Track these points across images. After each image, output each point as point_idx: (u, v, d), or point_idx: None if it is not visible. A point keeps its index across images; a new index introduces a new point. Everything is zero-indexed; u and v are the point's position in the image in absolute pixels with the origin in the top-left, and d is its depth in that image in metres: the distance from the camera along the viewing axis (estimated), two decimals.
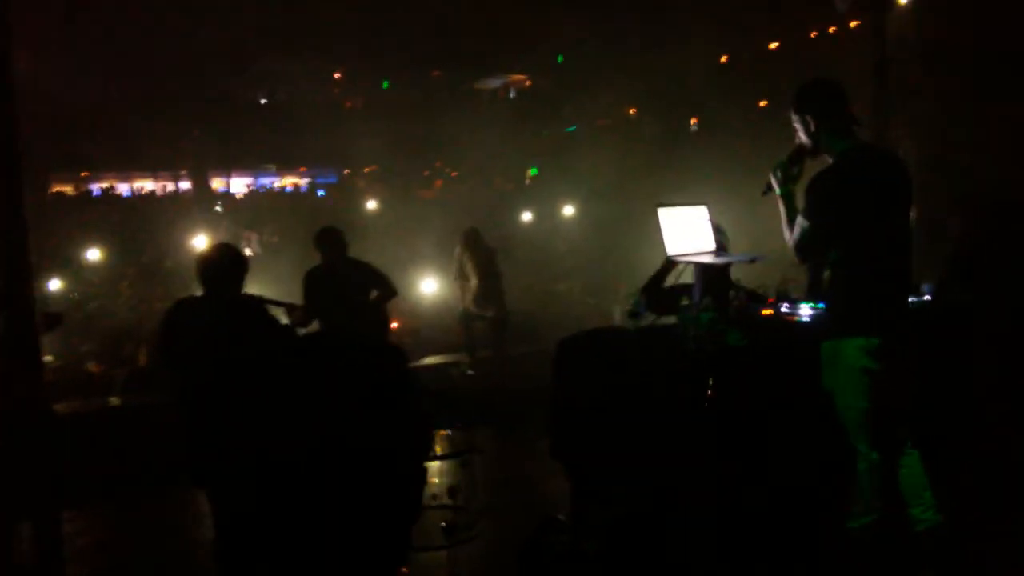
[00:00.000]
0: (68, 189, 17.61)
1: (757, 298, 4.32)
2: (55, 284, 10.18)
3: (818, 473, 3.32)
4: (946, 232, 4.82)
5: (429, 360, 8.66)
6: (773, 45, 12.84)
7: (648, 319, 3.97)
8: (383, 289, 5.94)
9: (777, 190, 3.30)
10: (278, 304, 6.32)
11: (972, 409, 3.74)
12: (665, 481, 3.36)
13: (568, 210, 15.83)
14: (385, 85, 19.41)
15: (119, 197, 17.16)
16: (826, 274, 3.35)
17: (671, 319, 3.94)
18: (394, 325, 8.84)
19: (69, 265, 11.25)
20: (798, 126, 3.24)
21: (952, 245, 4.66)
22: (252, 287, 7.85)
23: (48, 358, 7.59)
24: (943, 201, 5.78)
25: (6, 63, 4.13)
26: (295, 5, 15.28)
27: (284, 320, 7.74)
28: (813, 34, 13.26)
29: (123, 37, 13.97)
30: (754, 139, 11.19)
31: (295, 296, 5.94)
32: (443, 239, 10.54)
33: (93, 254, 12.27)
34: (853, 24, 11.35)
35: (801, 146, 3.26)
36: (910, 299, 3.71)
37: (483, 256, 8.26)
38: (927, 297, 4.15)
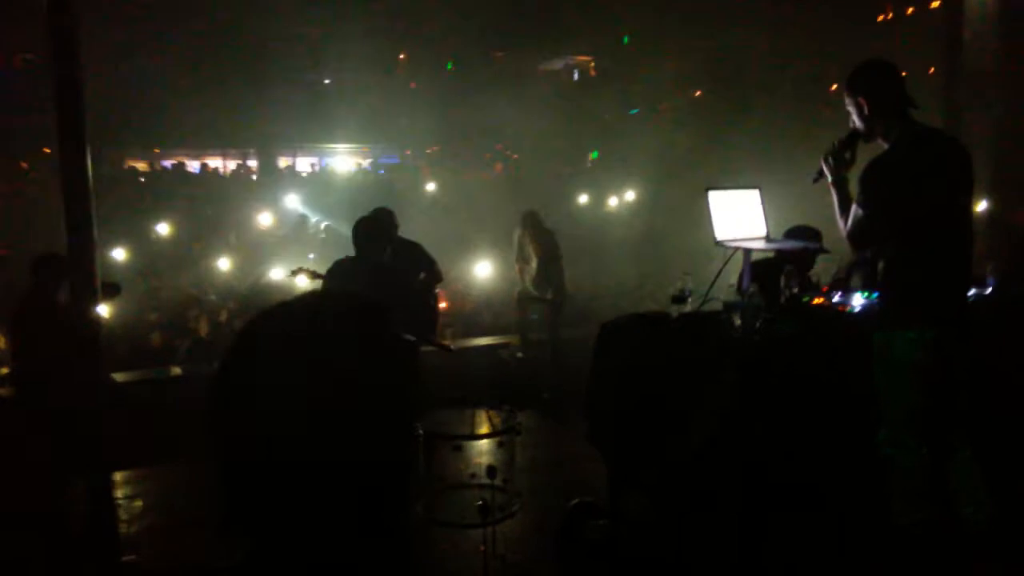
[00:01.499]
0: (142, 165, 18.20)
1: (810, 286, 4.20)
2: (121, 255, 10.58)
3: (862, 467, 3.21)
4: (1015, 223, 4.59)
5: (480, 341, 8.70)
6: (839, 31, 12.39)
7: (694, 305, 3.89)
8: (430, 272, 5.99)
9: (829, 176, 3.19)
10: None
11: None
12: (700, 471, 3.30)
13: (629, 195, 15.67)
14: (449, 66, 19.44)
15: (189, 173, 17.67)
16: (881, 264, 3.22)
17: (717, 305, 3.85)
18: (443, 306, 8.93)
19: (139, 238, 11.66)
20: (851, 109, 3.12)
21: (1019, 236, 4.44)
22: (306, 263, 7.97)
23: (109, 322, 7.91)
24: (1015, 191, 5.49)
25: (73, 45, 4.26)
26: None
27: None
28: (882, 17, 12.77)
29: (193, 19, 14.31)
30: (813, 125, 10.86)
31: None
32: (501, 221, 10.53)
33: (162, 228, 12.71)
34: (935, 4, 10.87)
35: (855, 130, 3.14)
36: (971, 291, 3.55)
37: (543, 238, 8.23)
38: (989, 290, 3.96)
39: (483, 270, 10.13)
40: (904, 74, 3.10)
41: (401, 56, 18.50)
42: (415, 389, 1.03)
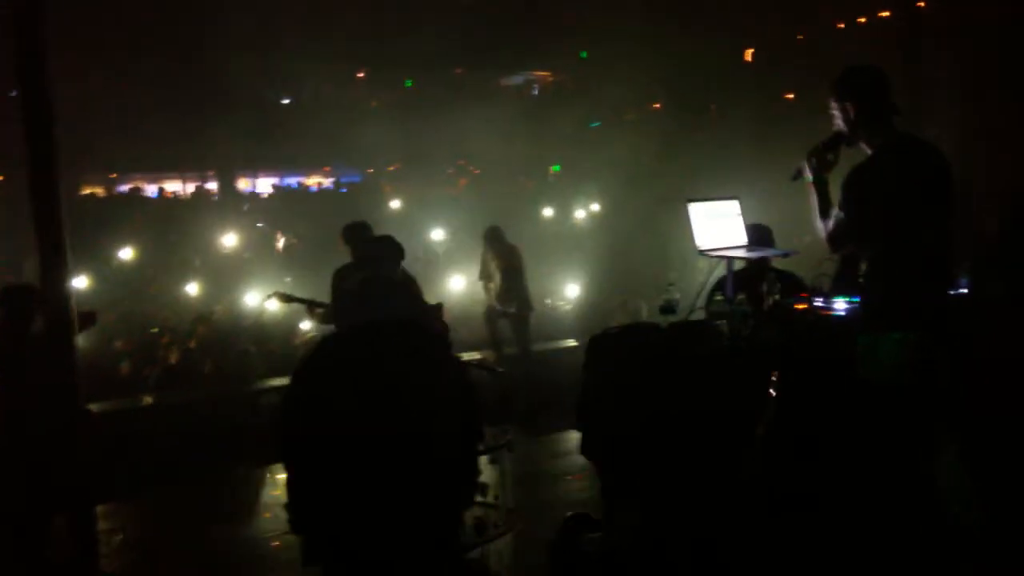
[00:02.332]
0: (98, 191, 17.85)
1: (801, 287, 4.27)
2: (82, 283, 10.32)
3: (852, 470, 3.27)
4: (979, 225, 4.74)
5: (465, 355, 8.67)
6: (799, 36, 12.70)
7: (681, 315, 3.94)
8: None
9: (809, 177, 3.25)
10: (304, 302, 6.39)
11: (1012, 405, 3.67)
12: (695, 482, 3.33)
13: (593, 206, 15.79)
14: (408, 84, 19.45)
15: (146, 198, 17.37)
16: (863, 266, 3.30)
17: (702, 314, 3.91)
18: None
19: (100, 265, 11.40)
20: (836, 113, 3.16)
21: (985, 238, 4.58)
22: (281, 286, 7.90)
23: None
24: (976, 195, 5.68)
25: (42, 69, 4.19)
26: (317, 6, 15.37)
27: (311, 319, 7.83)
28: (840, 24, 13.12)
29: (146, 40, 14.13)
30: (778, 131, 11.08)
31: (323, 293, 5.98)
32: (468, 237, 10.54)
33: (125, 253, 12.45)
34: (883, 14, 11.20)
35: (839, 133, 3.20)
36: (949, 291, 3.65)
37: (505, 253, 8.26)
38: (963, 290, 4.07)
39: (454, 285, 10.12)
40: (888, 78, 3.17)
41: (360, 74, 18.46)
42: (473, 403, 1.04)
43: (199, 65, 15.15)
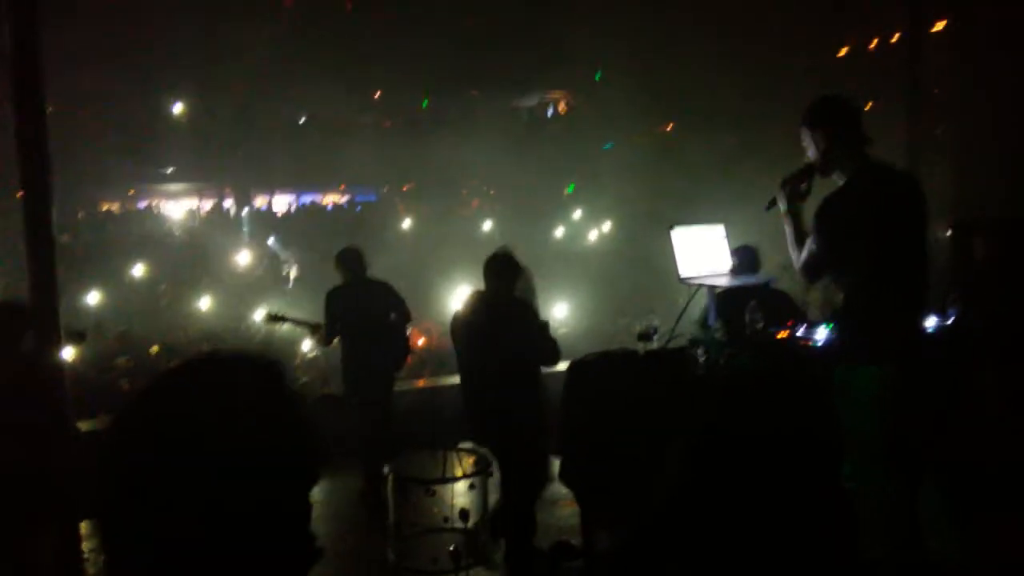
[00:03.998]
0: (115, 207, 18.11)
1: (793, 309, 4.23)
2: (95, 299, 10.47)
3: (830, 501, 3.21)
4: (972, 254, 4.66)
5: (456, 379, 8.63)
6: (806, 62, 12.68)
7: (660, 342, 3.91)
8: (399, 312, 5.97)
9: (783, 207, 3.22)
10: (298, 323, 6.40)
11: (993, 436, 3.59)
12: (672, 507, 3.29)
13: (605, 227, 15.78)
14: (424, 104, 19.61)
15: (162, 215, 17.61)
16: (839, 297, 3.26)
17: (682, 342, 3.87)
18: (421, 342, 8.90)
19: (112, 281, 11.55)
20: (808, 143, 3.15)
21: (975, 267, 4.51)
22: (288, 306, 7.92)
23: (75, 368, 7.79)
24: (971, 223, 5.61)
25: (37, 90, 4.24)
26: (334, 28, 15.55)
27: (309, 341, 7.85)
28: (842, 52, 13.08)
29: (167, 59, 14.35)
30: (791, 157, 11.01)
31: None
32: (479, 257, 10.53)
33: (137, 270, 12.61)
34: (893, 38, 11.15)
35: (810, 164, 3.18)
36: (933, 322, 3.59)
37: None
38: (951, 320, 4.01)
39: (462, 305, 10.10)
40: (861, 108, 3.15)
41: (376, 95, 18.64)
42: (309, 439, 1.00)
43: (216, 84, 15.38)
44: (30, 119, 4.21)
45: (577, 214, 16.97)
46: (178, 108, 17.06)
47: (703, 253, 4.07)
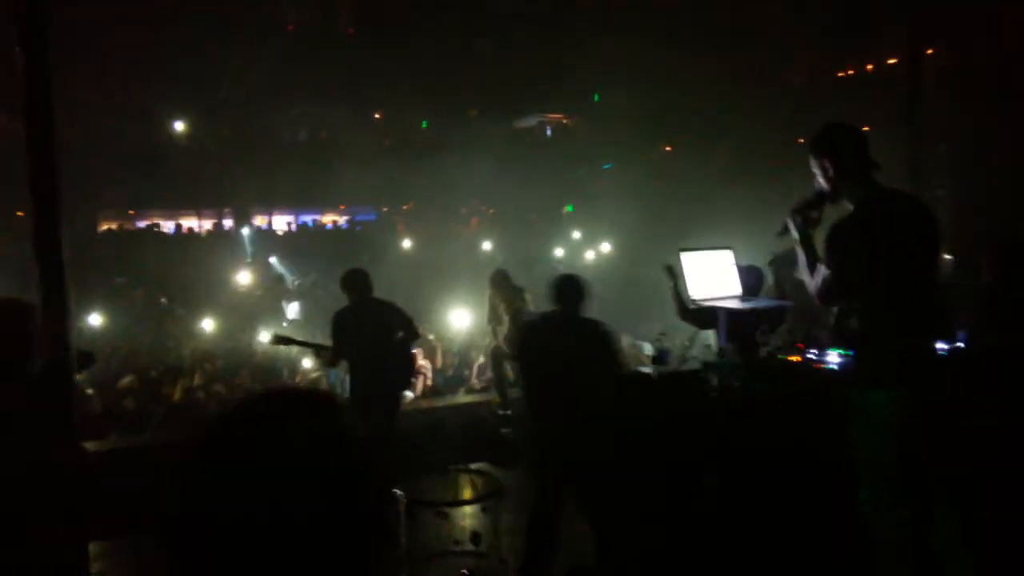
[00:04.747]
0: (115, 226, 18.11)
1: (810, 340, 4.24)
2: (97, 320, 10.44)
3: (841, 525, 3.22)
4: (981, 275, 4.68)
5: (461, 399, 8.64)
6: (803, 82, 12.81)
7: (673, 364, 3.93)
8: (407, 331, 5.98)
9: (795, 234, 3.25)
10: (305, 345, 6.41)
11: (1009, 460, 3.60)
12: (685, 529, 3.29)
13: (604, 246, 15.84)
14: (424, 125, 19.74)
15: (163, 234, 17.61)
16: (852, 321, 3.28)
17: (696, 364, 3.89)
18: (425, 363, 8.90)
19: (114, 300, 11.54)
20: (816, 170, 3.18)
21: (985, 288, 4.52)
22: (288, 328, 7.89)
23: (89, 391, 7.77)
24: (980, 243, 5.63)
25: (46, 107, 4.27)
26: (335, 50, 15.69)
27: (316, 359, 7.85)
28: (841, 73, 13.21)
29: (168, 79, 14.44)
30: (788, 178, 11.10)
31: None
32: (479, 276, 10.56)
33: (139, 290, 12.61)
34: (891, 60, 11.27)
35: (821, 191, 3.21)
36: (944, 345, 3.61)
37: (511, 296, 8.26)
38: (960, 344, 4.02)
39: (464, 325, 10.13)
40: (866, 131, 3.19)
41: (376, 115, 18.76)
42: (368, 475, 1.02)
43: (217, 105, 15.45)
44: (42, 133, 4.23)
45: (576, 234, 17.03)
46: (178, 128, 17.15)
47: (712, 276, 4.10)
